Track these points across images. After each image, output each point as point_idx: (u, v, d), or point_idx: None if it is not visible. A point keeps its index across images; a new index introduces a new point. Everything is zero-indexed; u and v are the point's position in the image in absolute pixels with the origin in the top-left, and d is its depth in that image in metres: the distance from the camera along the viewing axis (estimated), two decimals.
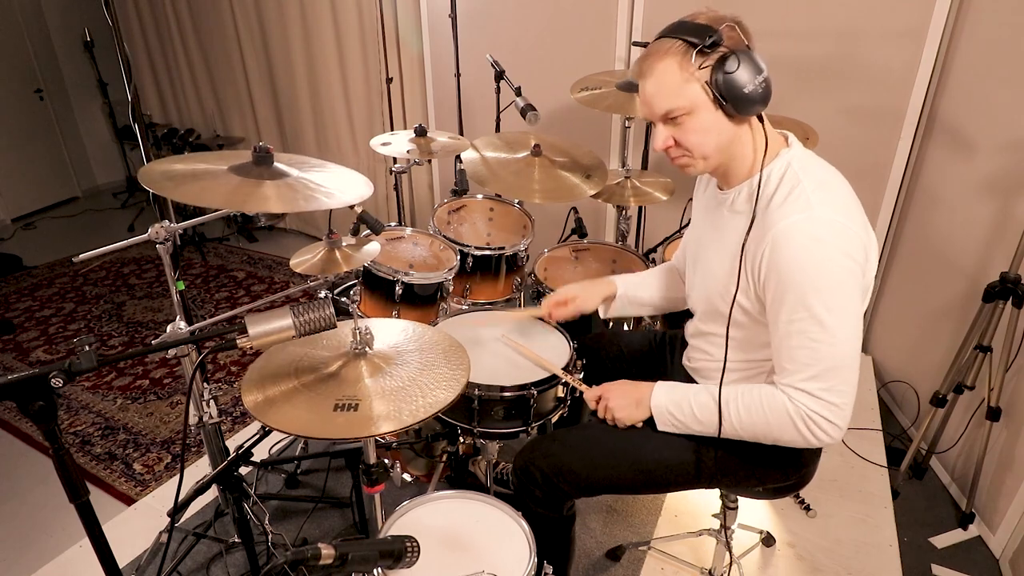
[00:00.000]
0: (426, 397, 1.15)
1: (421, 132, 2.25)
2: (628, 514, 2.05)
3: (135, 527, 2.04)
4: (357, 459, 1.57)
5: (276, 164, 1.42)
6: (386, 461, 1.45)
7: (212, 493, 2.05)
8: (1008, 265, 1.86)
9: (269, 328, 1.06)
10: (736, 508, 1.59)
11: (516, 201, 2.38)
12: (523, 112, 2.15)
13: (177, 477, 2.20)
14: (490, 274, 2.16)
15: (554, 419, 1.65)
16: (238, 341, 1.05)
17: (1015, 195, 2.02)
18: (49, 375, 0.95)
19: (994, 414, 1.93)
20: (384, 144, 2.22)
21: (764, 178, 1.14)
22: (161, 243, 1.55)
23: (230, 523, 1.92)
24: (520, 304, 2.35)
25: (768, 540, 1.91)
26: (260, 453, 2.05)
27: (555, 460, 1.33)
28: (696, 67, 1.08)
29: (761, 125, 1.14)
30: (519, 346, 1.65)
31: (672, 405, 1.26)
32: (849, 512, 2.04)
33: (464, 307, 1.94)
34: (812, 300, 1.04)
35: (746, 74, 1.05)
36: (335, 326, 1.11)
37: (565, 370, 1.57)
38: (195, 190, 1.30)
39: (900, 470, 2.20)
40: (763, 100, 1.08)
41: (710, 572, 1.77)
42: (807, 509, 2.04)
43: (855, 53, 2.48)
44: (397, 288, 1.89)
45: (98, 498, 2.21)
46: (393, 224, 2.27)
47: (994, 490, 2.01)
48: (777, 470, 1.29)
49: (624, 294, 1.58)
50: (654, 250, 2.62)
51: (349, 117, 3.87)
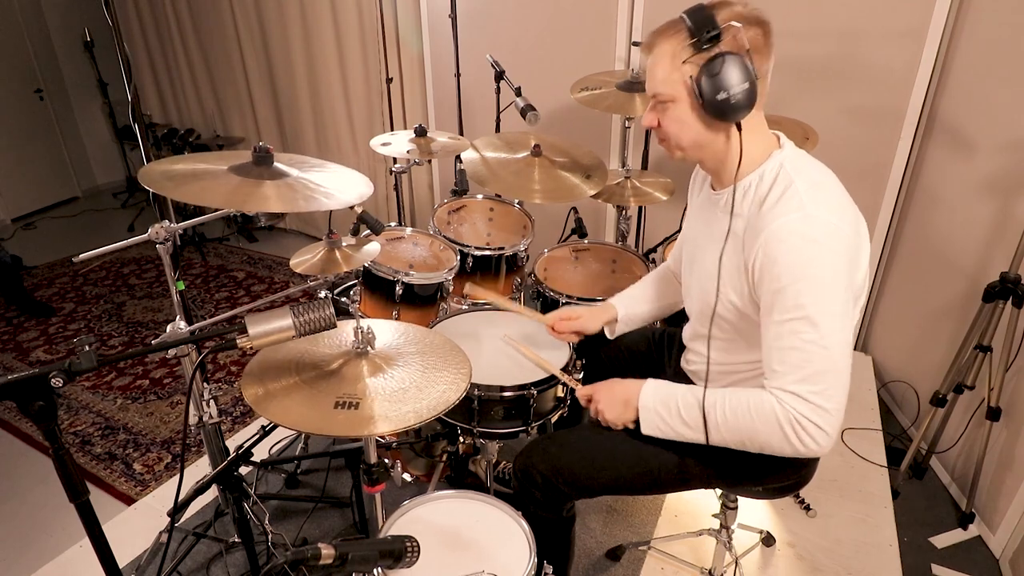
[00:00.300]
0: (427, 398, 1.15)
1: (421, 132, 2.25)
2: (628, 514, 2.05)
3: (135, 527, 2.04)
4: (357, 459, 1.58)
5: (276, 164, 1.42)
6: (386, 461, 1.45)
7: (212, 493, 2.05)
8: (1008, 265, 1.86)
9: (269, 328, 1.06)
10: (736, 508, 1.59)
11: (516, 201, 2.38)
12: (523, 112, 2.15)
13: (177, 477, 2.20)
14: (490, 274, 2.17)
15: (554, 419, 1.65)
16: (238, 341, 1.05)
17: (1015, 195, 2.02)
18: (49, 375, 0.95)
19: (994, 414, 1.93)
20: (384, 144, 2.22)
21: (756, 179, 1.14)
22: (161, 243, 1.55)
23: (230, 523, 1.92)
24: (520, 303, 2.35)
25: (768, 540, 1.91)
26: (260, 453, 2.05)
27: (555, 462, 1.33)
28: (685, 60, 1.07)
29: (739, 134, 1.11)
30: (519, 346, 1.66)
31: (660, 405, 1.22)
32: (849, 512, 2.04)
33: (464, 307, 1.95)
34: (804, 300, 1.03)
35: (727, 80, 1.03)
36: (335, 326, 1.11)
37: (564, 370, 1.57)
38: (195, 190, 1.30)
39: (900, 470, 2.20)
40: (739, 109, 1.06)
41: (710, 572, 1.77)
42: (807, 509, 2.04)
43: (855, 53, 2.48)
44: (397, 288, 1.90)
45: (98, 498, 2.21)
46: (393, 224, 2.27)
47: (994, 490, 2.01)
48: (776, 470, 1.29)
49: (625, 316, 1.57)
50: (654, 250, 2.63)
51: (349, 117, 3.87)
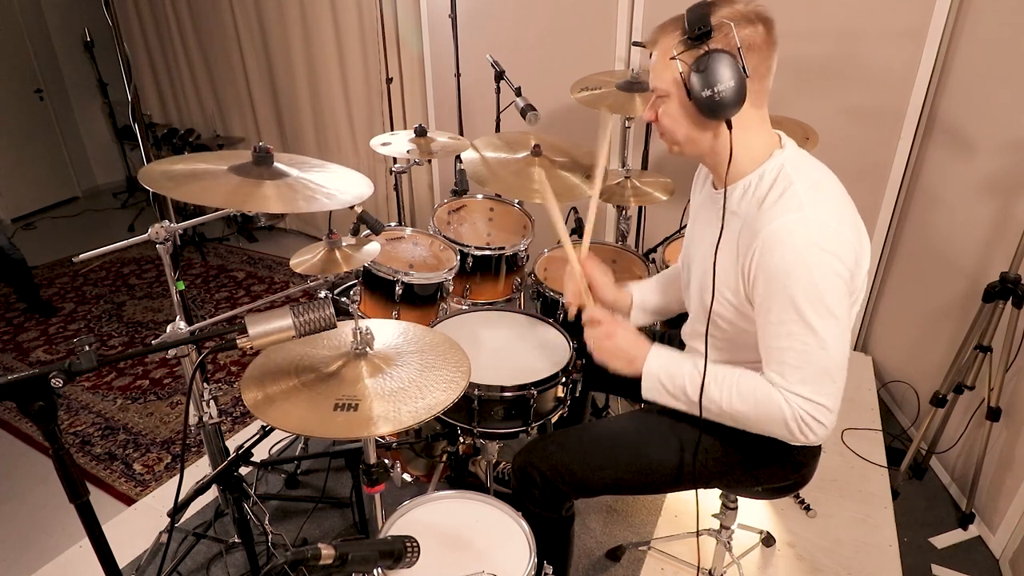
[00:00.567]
0: (426, 398, 1.15)
1: (421, 132, 2.25)
2: (628, 514, 2.05)
3: (135, 527, 2.04)
4: (357, 459, 1.57)
5: (276, 164, 1.42)
6: (386, 461, 1.45)
7: (212, 493, 2.05)
8: (1008, 265, 1.86)
9: (269, 328, 1.06)
10: (736, 508, 1.59)
11: (516, 201, 2.38)
12: (523, 112, 2.15)
13: (177, 477, 2.20)
14: (490, 274, 2.17)
15: (554, 419, 1.65)
16: (238, 341, 1.05)
17: (1015, 195, 2.02)
18: (49, 375, 0.95)
19: (994, 414, 1.93)
20: (384, 144, 2.22)
21: (756, 178, 1.14)
22: (161, 243, 1.55)
23: (230, 523, 1.92)
24: (520, 305, 2.35)
25: (768, 540, 1.91)
26: (260, 453, 2.05)
27: (554, 461, 1.33)
28: (674, 56, 1.08)
29: (729, 132, 1.11)
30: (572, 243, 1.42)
31: (664, 376, 1.22)
32: (849, 512, 2.04)
33: (464, 307, 1.95)
34: (801, 303, 1.03)
35: (714, 77, 1.03)
36: (335, 326, 1.11)
37: (565, 370, 1.57)
38: (195, 190, 1.30)
39: (900, 470, 2.20)
40: (726, 106, 1.05)
41: (710, 572, 1.77)
42: (807, 509, 2.04)
43: (855, 53, 2.48)
44: (397, 288, 1.90)
45: (98, 498, 2.21)
46: (393, 224, 2.27)
47: (994, 490, 2.01)
48: (777, 470, 1.29)
49: (640, 301, 1.54)
50: (654, 250, 2.62)
51: (349, 117, 3.87)
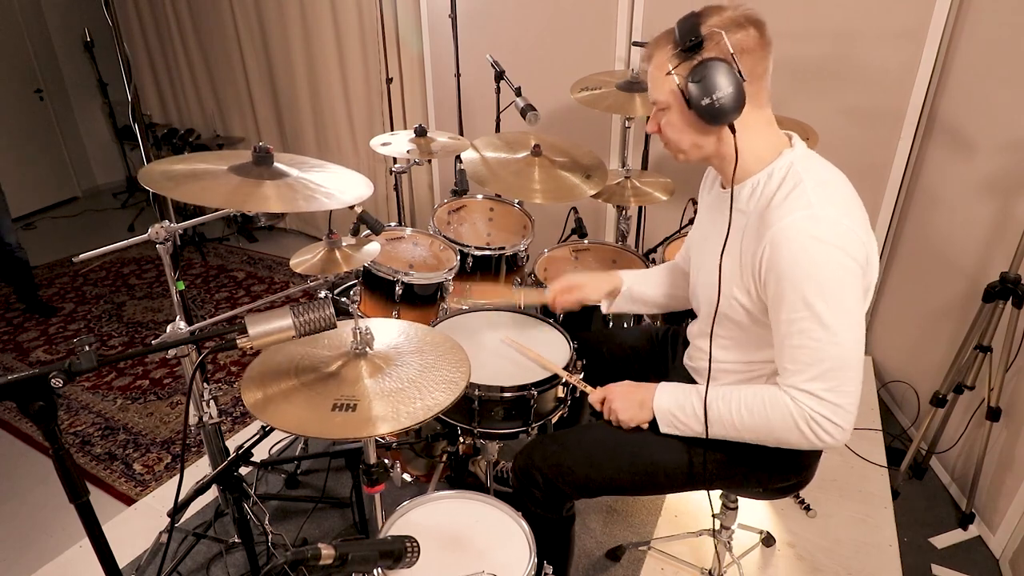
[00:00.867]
0: (425, 399, 1.15)
1: (421, 132, 2.25)
2: (628, 514, 2.05)
3: (135, 527, 2.04)
4: (357, 459, 1.57)
5: (276, 164, 1.42)
6: (386, 461, 1.45)
7: (212, 493, 2.05)
8: (1008, 265, 1.86)
9: (269, 328, 1.06)
10: (736, 508, 1.59)
11: (516, 201, 2.38)
12: (523, 112, 2.15)
13: (177, 477, 2.20)
14: (490, 274, 2.16)
15: (554, 419, 1.65)
16: (238, 341, 1.05)
17: (1015, 195, 2.02)
18: (49, 375, 0.94)
19: (994, 414, 1.93)
20: (384, 144, 2.22)
21: (765, 177, 1.14)
22: (161, 243, 1.55)
23: (230, 523, 1.92)
24: (520, 304, 2.34)
25: (768, 540, 1.91)
26: (260, 453, 2.05)
27: (555, 461, 1.33)
28: (670, 70, 1.10)
29: (733, 136, 1.12)
30: (522, 348, 1.65)
31: (675, 407, 1.25)
32: (849, 512, 2.04)
33: (464, 307, 1.94)
34: (813, 298, 1.03)
35: (711, 85, 1.05)
36: (335, 326, 1.11)
37: (566, 369, 1.57)
38: (195, 190, 1.29)
39: (900, 470, 2.20)
40: (727, 112, 1.07)
41: (710, 572, 1.77)
42: (807, 509, 2.04)
43: (855, 53, 2.48)
44: (397, 288, 1.90)
45: (98, 498, 2.21)
46: (393, 224, 2.27)
47: (994, 490, 2.01)
48: (777, 471, 1.29)
49: (629, 289, 1.56)
50: (654, 250, 2.62)
51: (349, 117, 3.87)
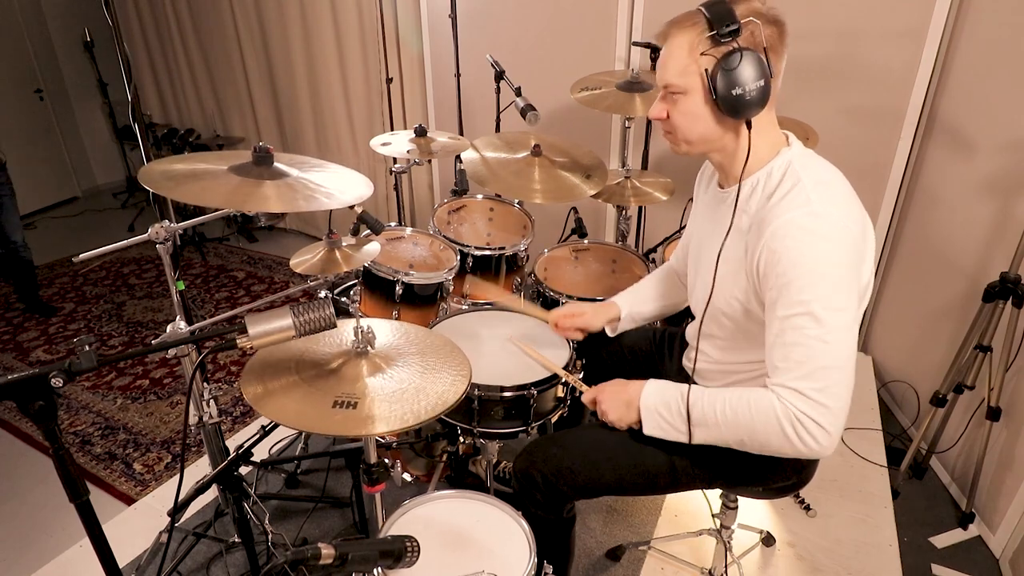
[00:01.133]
0: (425, 399, 1.15)
1: (421, 132, 2.25)
2: (628, 514, 2.05)
3: (135, 527, 2.04)
4: (357, 459, 1.57)
5: (276, 164, 1.42)
6: (386, 461, 1.45)
7: (212, 493, 2.05)
8: (1008, 265, 1.86)
9: (269, 328, 1.06)
10: (736, 508, 1.59)
11: (516, 201, 2.38)
12: (523, 112, 2.15)
13: (177, 477, 2.20)
14: (490, 274, 2.16)
15: (554, 419, 1.65)
16: (238, 341, 1.05)
17: (1015, 195, 2.02)
18: (49, 375, 0.94)
19: (994, 414, 1.93)
20: (384, 144, 2.22)
21: (764, 176, 1.14)
22: (161, 243, 1.55)
23: (230, 523, 1.92)
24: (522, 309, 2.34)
25: (768, 540, 1.91)
26: (260, 453, 2.04)
27: (556, 463, 1.32)
28: (702, 52, 1.06)
29: (748, 132, 1.11)
30: (525, 347, 1.65)
31: (661, 406, 1.22)
32: (849, 512, 2.04)
33: (464, 307, 1.94)
34: (808, 296, 1.02)
35: (743, 76, 1.03)
36: (335, 326, 1.11)
37: (566, 369, 1.57)
38: (195, 190, 1.29)
39: (900, 470, 2.20)
40: (752, 106, 1.06)
41: (710, 572, 1.77)
42: (807, 509, 2.04)
43: (855, 53, 2.48)
44: (397, 288, 1.90)
45: (98, 498, 2.21)
46: (393, 224, 2.27)
47: (994, 490, 2.01)
48: (777, 471, 1.29)
49: (628, 315, 1.57)
50: (654, 250, 2.62)
51: (349, 117, 3.87)
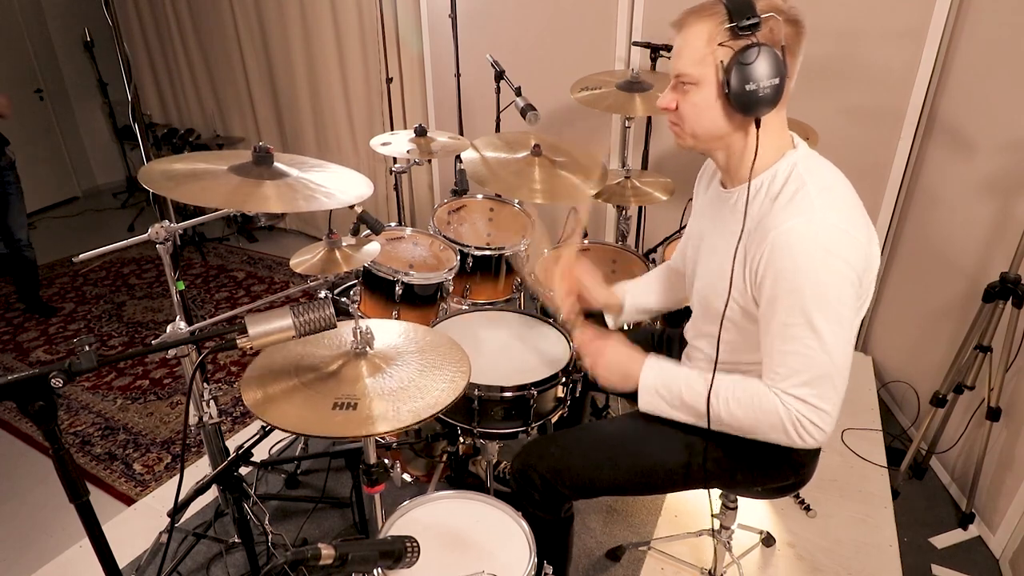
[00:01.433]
0: (425, 398, 1.15)
1: (421, 132, 2.25)
2: (628, 514, 2.05)
3: (135, 527, 2.04)
4: (357, 459, 1.57)
5: (276, 164, 1.42)
6: (386, 461, 1.45)
7: (212, 493, 2.05)
8: (1008, 265, 1.86)
9: (269, 328, 1.06)
10: (736, 508, 1.59)
11: (516, 201, 2.38)
12: (523, 112, 2.15)
13: (177, 477, 2.20)
14: (490, 274, 2.16)
15: (554, 419, 1.65)
16: (238, 341, 1.05)
17: (1015, 195, 2.02)
18: (49, 375, 0.94)
19: (994, 414, 1.93)
20: (384, 144, 2.22)
21: (769, 178, 1.13)
22: (161, 243, 1.55)
23: (230, 523, 1.92)
24: (520, 305, 2.35)
25: (768, 540, 1.91)
26: (260, 453, 2.05)
27: (553, 463, 1.32)
28: (720, 43, 1.04)
29: (756, 131, 1.10)
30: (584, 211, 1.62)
31: (662, 387, 1.23)
32: (849, 512, 2.04)
33: (464, 307, 1.95)
34: (809, 307, 1.03)
35: (758, 72, 1.01)
36: (335, 326, 1.11)
37: (565, 370, 1.58)
38: (195, 190, 1.30)
39: (900, 470, 2.20)
40: (764, 104, 1.04)
41: (710, 572, 1.77)
42: (807, 509, 2.04)
43: (855, 53, 2.48)
44: (397, 288, 1.90)
45: (98, 498, 2.21)
46: (393, 224, 2.28)
47: (994, 490, 2.01)
48: (776, 470, 1.29)
49: (633, 304, 1.56)
50: (654, 250, 2.62)
51: (349, 117, 3.87)
